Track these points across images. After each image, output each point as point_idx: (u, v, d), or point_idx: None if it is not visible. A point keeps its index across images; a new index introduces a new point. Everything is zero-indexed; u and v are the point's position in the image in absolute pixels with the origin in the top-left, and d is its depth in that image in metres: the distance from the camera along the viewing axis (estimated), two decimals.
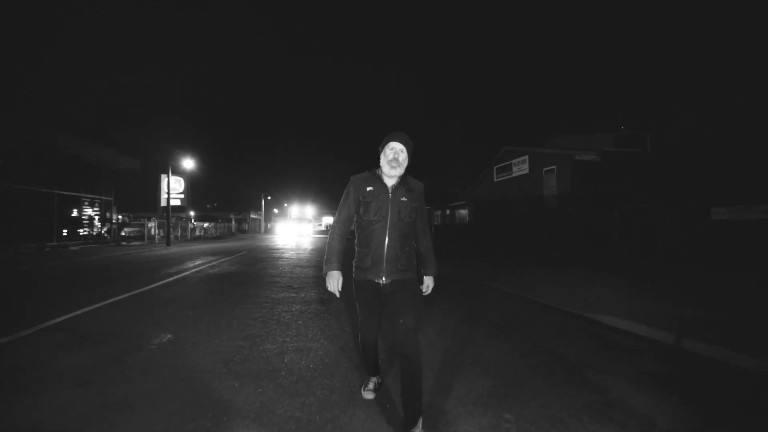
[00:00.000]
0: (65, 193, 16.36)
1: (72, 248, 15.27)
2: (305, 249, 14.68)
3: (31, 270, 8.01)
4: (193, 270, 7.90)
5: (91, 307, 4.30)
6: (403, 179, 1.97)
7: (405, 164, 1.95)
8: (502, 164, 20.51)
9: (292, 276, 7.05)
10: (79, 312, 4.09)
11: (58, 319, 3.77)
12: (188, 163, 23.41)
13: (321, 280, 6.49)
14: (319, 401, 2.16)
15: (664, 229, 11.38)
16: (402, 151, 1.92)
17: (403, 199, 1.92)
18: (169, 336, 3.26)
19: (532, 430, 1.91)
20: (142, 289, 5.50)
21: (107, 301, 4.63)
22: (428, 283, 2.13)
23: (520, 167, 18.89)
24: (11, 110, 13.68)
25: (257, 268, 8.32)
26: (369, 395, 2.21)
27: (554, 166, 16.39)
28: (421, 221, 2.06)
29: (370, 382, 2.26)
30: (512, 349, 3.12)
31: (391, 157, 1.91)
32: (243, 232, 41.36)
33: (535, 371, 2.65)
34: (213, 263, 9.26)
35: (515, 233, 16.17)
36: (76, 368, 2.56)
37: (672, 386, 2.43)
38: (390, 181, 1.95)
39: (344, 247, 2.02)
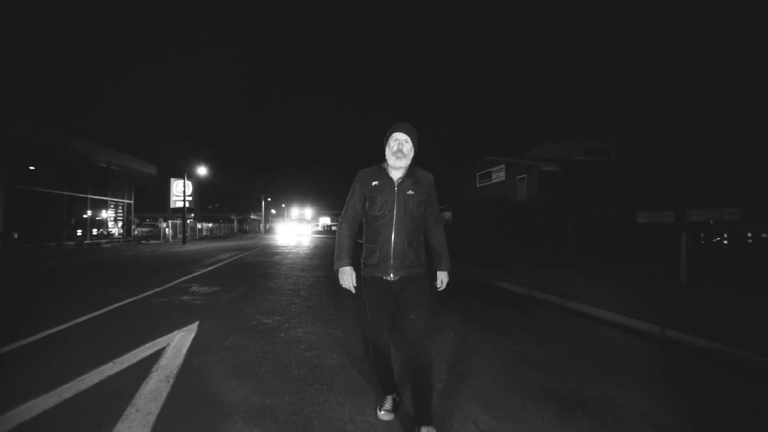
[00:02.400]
0: (96, 197, 18.98)
1: (104, 246, 17.86)
2: (307, 246, 17.41)
3: (106, 260, 10.66)
4: (229, 260, 10.59)
5: (188, 277, 7.01)
6: (410, 172, 1.95)
7: (411, 155, 1.93)
8: (484, 171, 23.29)
9: (303, 264, 9.74)
10: (185, 278, 6.79)
11: (182, 278, 6.45)
12: (197, 169, 25.95)
13: (325, 267, 9.19)
14: (329, 317, 4.86)
15: (603, 229, 14.28)
16: (407, 141, 1.91)
17: (410, 192, 1.90)
18: (246, 288, 5.97)
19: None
20: (205, 270, 8.21)
21: (192, 275, 7.33)
22: (442, 278, 2.08)
23: (498, 175, 21.66)
24: (48, 123, 16.18)
25: (275, 259, 11.02)
26: (386, 416, 2.03)
27: (525, 175, 19.16)
28: (433, 214, 2.02)
29: (387, 401, 2.08)
30: (432, 299, 5.84)
31: (395, 148, 1.89)
32: (244, 232, 44.03)
33: (441, 305, 5.36)
34: (239, 256, 11.96)
35: (490, 234, 18.90)
36: (211, 294, 5.24)
37: (509, 308, 5.15)
38: (396, 174, 1.94)
39: (353, 242, 2.02)
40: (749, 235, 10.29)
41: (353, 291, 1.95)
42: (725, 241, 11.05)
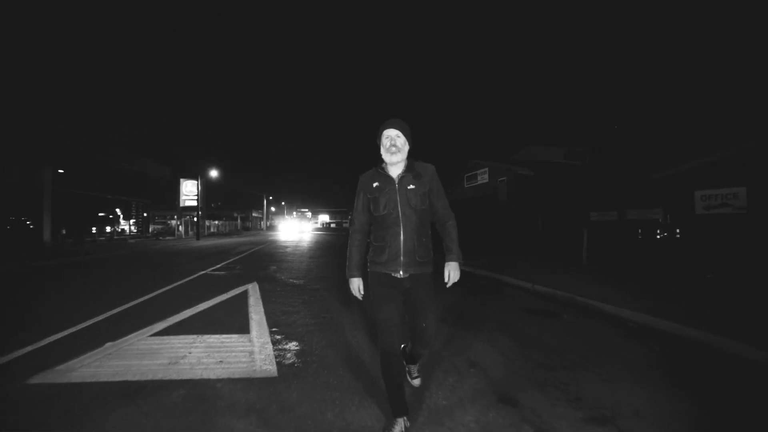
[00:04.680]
0: (122, 198, 21.60)
1: (129, 241, 20.49)
2: (309, 242, 20.09)
3: (145, 252, 13.30)
4: (249, 251, 13.26)
5: (227, 262, 9.67)
6: (409, 166, 1.98)
7: (406, 148, 1.96)
8: (470, 173, 25.93)
9: (310, 254, 12.41)
10: (225, 262, 9.45)
11: (224, 263, 9.09)
12: (206, 170, 28.50)
13: (326, 255, 11.84)
14: (333, 281, 7.52)
15: (567, 225, 16.97)
16: (398, 136, 1.94)
17: (411, 186, 1.92)
18: (275, 267, 8.64)
19: None
20: (237, 258, 10.87)
21: (229, 261, 9.99)
22: (450, 271, 1.98)
23: (483, 177, 24.30)
24: (80, 132, 18.68)
25: (286, 251, 13.69)
26: None
27: (505, 178, 21.80)
28: (440, 204, 2.03)
29: (396, 426, 1.89)
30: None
31: (388, 144, 1.93)
32: (246, 229, 46.70)
33: None
34: (255, 249, 14.62)
35: (473, 230, 21.52)
36: (254, 270, 7.87)
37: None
38: (395, 171, 1.97)
39: (364, 252, 2.08)
40: (677, 230, 13.00)
41: (360, 299, 2.09)
42: (658, 236, 13.68)
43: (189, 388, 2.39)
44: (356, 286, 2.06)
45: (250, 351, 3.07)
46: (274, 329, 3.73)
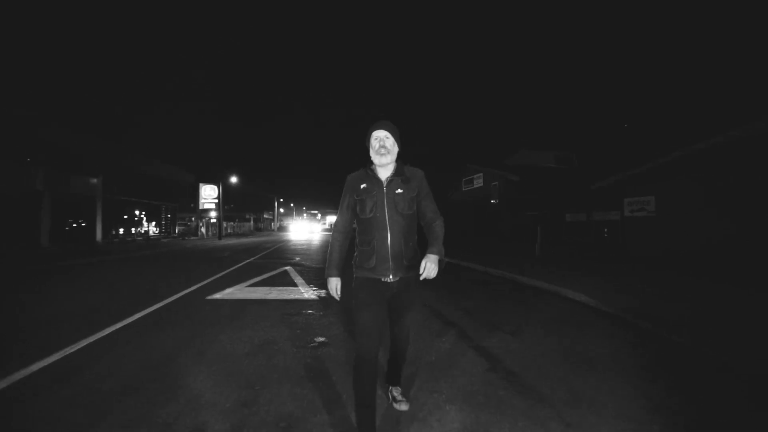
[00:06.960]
0: (154, 202, 24.76)
1: (162, 240, 23.59)
2: (320, 241, 22.99)
3: (182, 249, 16.29)
4: (273, 248, 16.17)
5: (261, 254, 12.56)
6: (398, 170, 2.02)
7: (395, 150, 2.00)
8: (468, 177, 28.56)
9: (324, 250, 15.23)
10: (260, 255, 12.33)
11: (259, 255, 11.96)
12: (224, 175, 31.55)
13: None
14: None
15: (549, 225, 19.50)
16: (387, 138, 1.97)
17: (399, 191, 1.96)
18: (298, 258, 11.50)
19: None
20: (266, 252, 13.77)
21: (261, 254, 12.87)
22: (426, 263, 1.83)
23: (478, 181, 26.92)
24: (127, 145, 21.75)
25: (303, 248, 16.57)
26: None
27: (497, 182, 24.40)
28: (430, 207, 2.08)
29: None
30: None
31: (377, 146, 1.96)
32: (259, 230, 49.92)
33: None
34: (277, 246, 17.54)
35: (466, 229, 24.08)
36: (284, 259, 10.72)
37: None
38: (384, 174, 2.00)
39: (345, 252, 2.12)
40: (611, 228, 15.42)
41: (337, 298, 2.07)
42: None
43: (279, 301, 5.22)
44: (334, 285, 2.04)
45: (301, 292, 5.90)
46: (311, 285, 6.55)
